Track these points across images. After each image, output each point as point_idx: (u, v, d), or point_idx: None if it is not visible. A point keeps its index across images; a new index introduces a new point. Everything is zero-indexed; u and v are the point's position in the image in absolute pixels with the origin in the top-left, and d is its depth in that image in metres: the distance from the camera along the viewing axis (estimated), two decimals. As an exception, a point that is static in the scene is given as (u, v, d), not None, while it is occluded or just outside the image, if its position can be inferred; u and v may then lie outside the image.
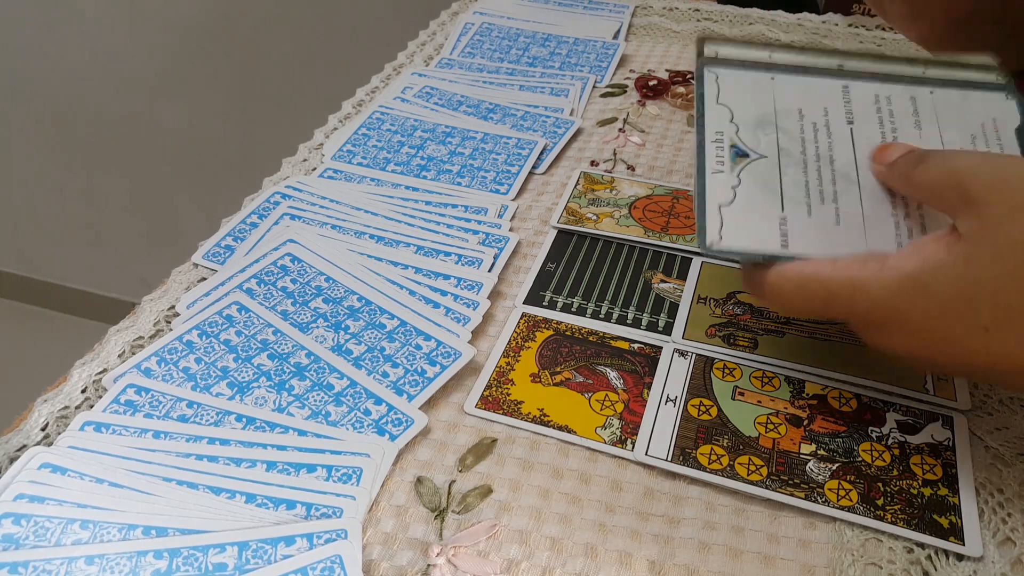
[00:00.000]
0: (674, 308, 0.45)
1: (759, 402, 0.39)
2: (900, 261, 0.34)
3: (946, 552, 0.33)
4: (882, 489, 0.35)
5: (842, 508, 0.34)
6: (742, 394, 0.40)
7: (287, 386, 0.39)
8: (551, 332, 0.43)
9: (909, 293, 0.33)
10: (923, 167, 0.35)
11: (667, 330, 0.43)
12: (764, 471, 0.36)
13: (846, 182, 0.38)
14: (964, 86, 0.40)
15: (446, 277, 0.46)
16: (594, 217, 0.51)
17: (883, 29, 0.75)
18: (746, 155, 0.38)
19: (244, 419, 0.37)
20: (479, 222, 0.51)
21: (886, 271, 0.34)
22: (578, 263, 0.48)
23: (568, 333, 0.43)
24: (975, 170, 0.33)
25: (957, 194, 0.33)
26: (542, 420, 0.38)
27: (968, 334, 0.32)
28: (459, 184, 0.55)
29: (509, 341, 0.43)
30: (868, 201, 0.37)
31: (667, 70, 0.69)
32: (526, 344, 0.43)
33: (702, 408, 0.39)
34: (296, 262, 0.47)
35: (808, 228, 0.37)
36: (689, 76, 0.68)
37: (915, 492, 0.35)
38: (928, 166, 0.35)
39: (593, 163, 0.58)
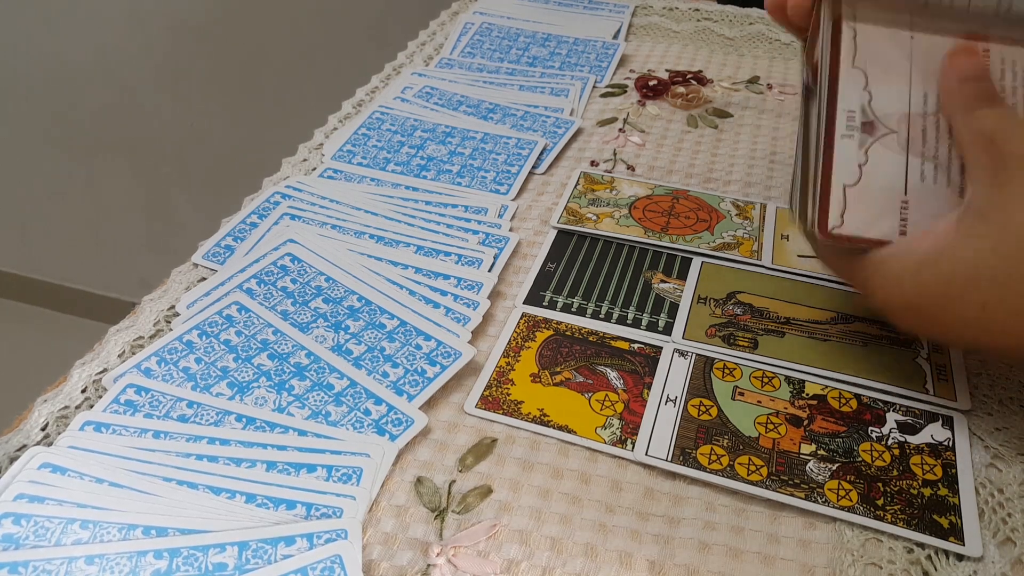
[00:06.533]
0: (674, 308, 0.45)
1: (759, 402, 0.39)
2: (915, 243, 0.35)
3: (946, 552, 0.33)
4: (882, 489, 0.35)
5: (842, 508, 0.34)
6: (742, 394, 0.40)
7: (287, 386, 0.39)
8: (551, 332, 0.43)
9: (918, 276, 0.34)
10: (982, 113, 0.34)
11: (667, 330, 0.43)
12: (764, 471, 0.36)
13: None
14: None
15: (446, 277, 0.46)
16: (594, 217, 0.51)
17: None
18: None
19: (244, 419, 0.37)
20: (479, 222, 0.51)
21: (900, 254, 0.35)
22: (578, 263, 0.48)
23: (568, 333, 0.43)
24: (1014, 144, 0.32)
25: (989, 160, 0.33)
26: (542, 420, 0.38)
27: (967, 312, 0.33)
28: (459, 184, 0.55)
29: (509, 341, 0.43)
30: None
31: (667, 70, 0.69)
32: (526, 344, 0.43)
33: (702, 408, 0.39)
34: (296, 262, 0.47)
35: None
36: (689, 76, 0.68)
37: (915, 492, 0.35)
38: (986, 115, 0.34)
39: (593, 163, 0.58)
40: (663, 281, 0.47)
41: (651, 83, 0.66)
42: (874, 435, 0.38)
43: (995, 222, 0.32)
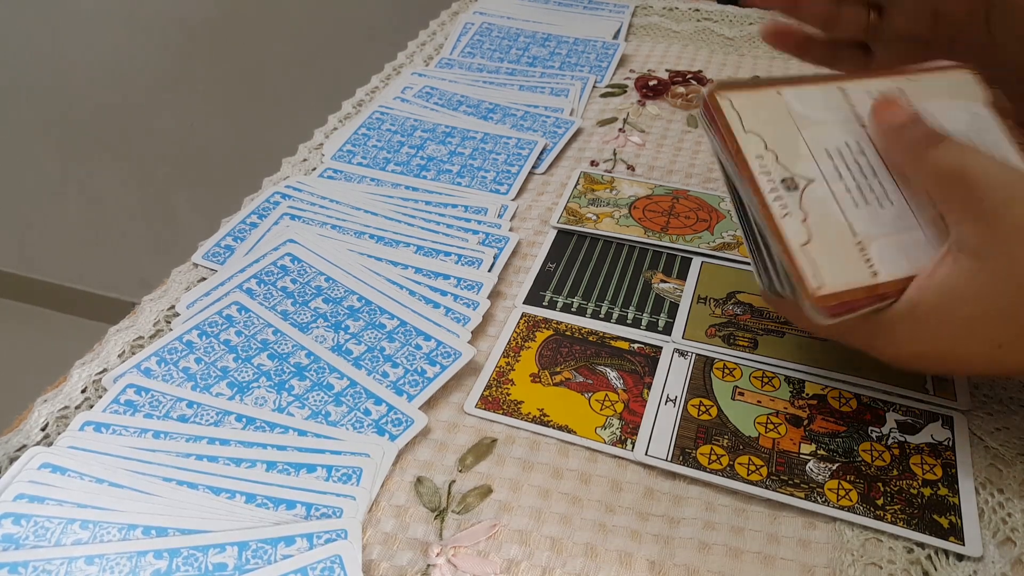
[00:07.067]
0: (674, 308, 0.45)
1: (759, 402, 0.39)
2: (914, 293, 0.34)
3: (946, 552, 0.33)
4: (882, 489, 0.35)
5: (842, 508, 0.34)
6: (742, 394, 0.40)
7: (287, 386, 0.39)
8: (551, 332, 0.43)
9: (924, 327, 0.34)
10: (937, 152, 0.33)
11: (667, 330, 0.43)
12: (764, 471, 0.36)
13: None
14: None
15: (446, 277, 0.46)
16: (594, 217, 0.51)
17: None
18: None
19: (244, 419, 0.37)
20: (479, 222, 0.51)
21: (897, 307, 0.34)
22: (578, 263, 0.48)
23: (568, 333, 0.43)
24: (988, 177, 0.32)
25: (964, 196, 0.33)
26: (542, 420, 0.38)
27: (982, 351, 0.33)
28: (459, 184, 0.55)
29: (509, 341, 0.43)
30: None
31: (667, 70, 0.69)
32: (526, 344, 0.43)
33: (702, 408, 0.39)
34: (296, 262, 0.47)
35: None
36: (689, 76, 0.68)
37: (915, 492, 0.35)
38: (942, 153, 0.33)
39: (593, 163, 0.58)
40: (663, 281, 0.47)
41: (651, 83, 0.66)
42: (874, 435, 0.38)
43: (997, 261, 0.32)
